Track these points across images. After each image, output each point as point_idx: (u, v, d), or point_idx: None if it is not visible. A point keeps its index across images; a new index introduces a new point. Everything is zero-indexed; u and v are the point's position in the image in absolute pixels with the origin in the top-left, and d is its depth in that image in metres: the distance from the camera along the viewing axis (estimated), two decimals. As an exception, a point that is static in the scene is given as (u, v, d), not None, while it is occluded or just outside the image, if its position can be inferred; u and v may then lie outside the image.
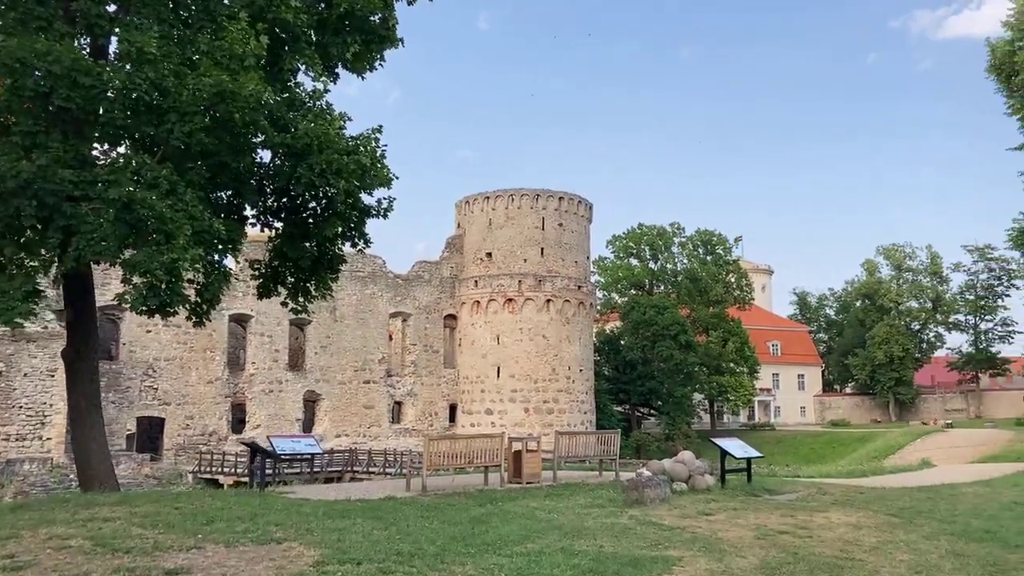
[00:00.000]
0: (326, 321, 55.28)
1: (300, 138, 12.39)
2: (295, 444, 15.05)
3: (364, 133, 13.89)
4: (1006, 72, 34.13)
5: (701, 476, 13.64)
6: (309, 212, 13.71)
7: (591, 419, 58.77)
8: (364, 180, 13.28)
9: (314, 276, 14.52)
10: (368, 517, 10.30)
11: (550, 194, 58.66)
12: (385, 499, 12.21)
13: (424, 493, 13.20)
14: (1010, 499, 13.11)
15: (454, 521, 10.22)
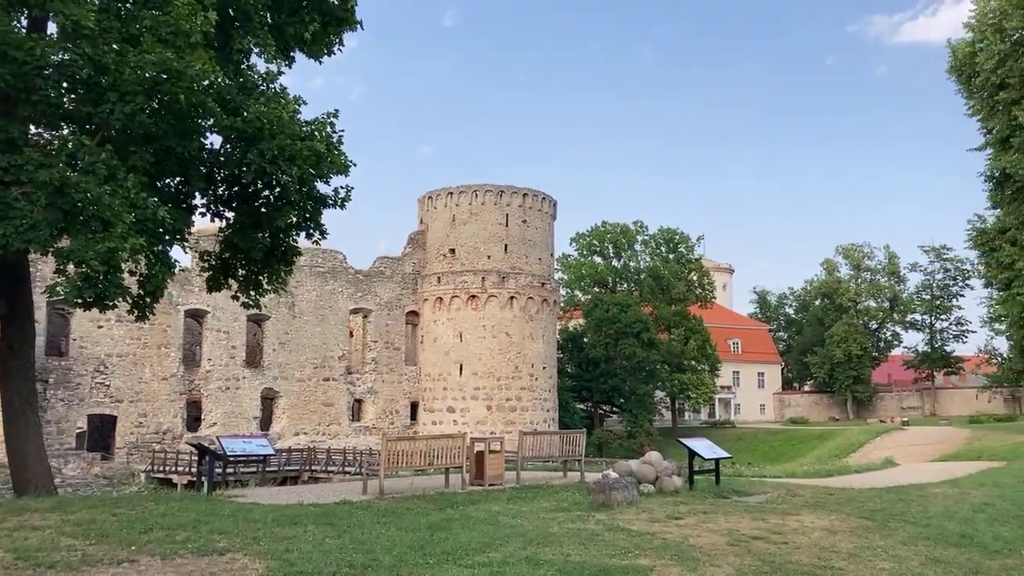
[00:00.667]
0: (285, 317, 54.21)
1: (251, 122, 11.70)
2: (246, 445, 14.34)
3: (319, 118, 13.22)
4: (967, 74, 34.43)
5: (669, 477, 13.24)
6: (262, 201, 13.01)
7: (554, 417, 58.49)
8: (319, 167, 12.63)
9: (267, 268, 13.83)
10: (321, 524, 9.70)
11: (514, 190, 58.17)
12: (340, 503, 11.58)
13: (381, 496, 12.59)
14: (980, 500, 12.91)
15: (412, 527, 9.66)
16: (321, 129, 12.93)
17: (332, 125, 13.26)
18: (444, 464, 13.76)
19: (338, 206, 13.74)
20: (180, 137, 11.20)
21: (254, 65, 12.94)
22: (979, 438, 33.33)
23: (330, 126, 13.21)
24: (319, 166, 12.58)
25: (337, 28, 13.47)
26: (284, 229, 13.22)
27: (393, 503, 11.83)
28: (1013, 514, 11.49)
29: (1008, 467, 20.07)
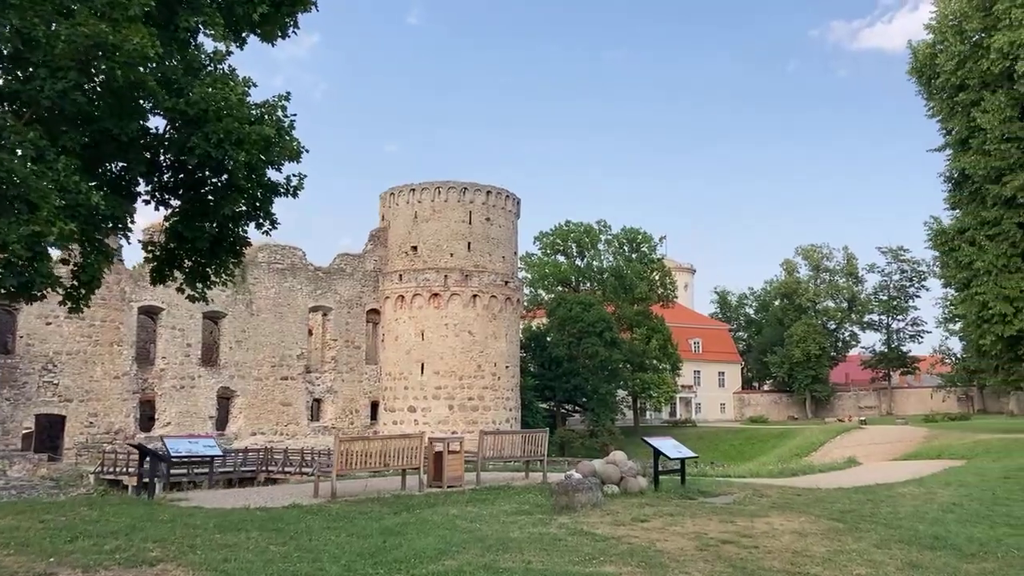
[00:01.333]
0: (242, 315, 53.00)
1: (196, 104, 10.98)
2: (192, 445, 13.61)
3: (270, 100, 12.52)
4: (927, 75, 34.65)
5: (633, 478, 12.81)
6: (209, 188, 12.29)
7: (516, 416, 58.02)
8: (269, 153, 11.94)
9: (214, 260, 13.08)
10: (266, 529, 9.09)
11: (477, 188, 57.55)
12: (289, 507, 10.95)
13: (334, 499, 11.98)
14: (947, 500, 12.71)
15: (364, 533, 9.08)
16: (271, 112, 12.23)
17: (284, 109, 12.56)
18: (401, 465, 13.18)
19: (290, 194, 13.05)
20: (117, 118, 10.48)
21: (201, 45, 12.22)
22: (937, 437, 33.59)
23: (281, 109, 12.50)
24: (269, 151, 11.89)
25: (290, 8, 12.77)
26: (232, 218, 12.48)
27: (346, 506, 11.24)
28: (982, 514, 11.27)
29: (969, 466, 20.06)
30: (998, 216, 31.10)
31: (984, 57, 30.96)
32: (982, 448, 24.41)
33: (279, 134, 12.06)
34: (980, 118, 30.65)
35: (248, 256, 54.33)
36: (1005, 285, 30.05)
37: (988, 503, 12.37)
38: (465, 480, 14.44)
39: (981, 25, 31.25)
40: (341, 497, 12.32)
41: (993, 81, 31.29)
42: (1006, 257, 30.60)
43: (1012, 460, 20.81)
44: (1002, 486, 14.55)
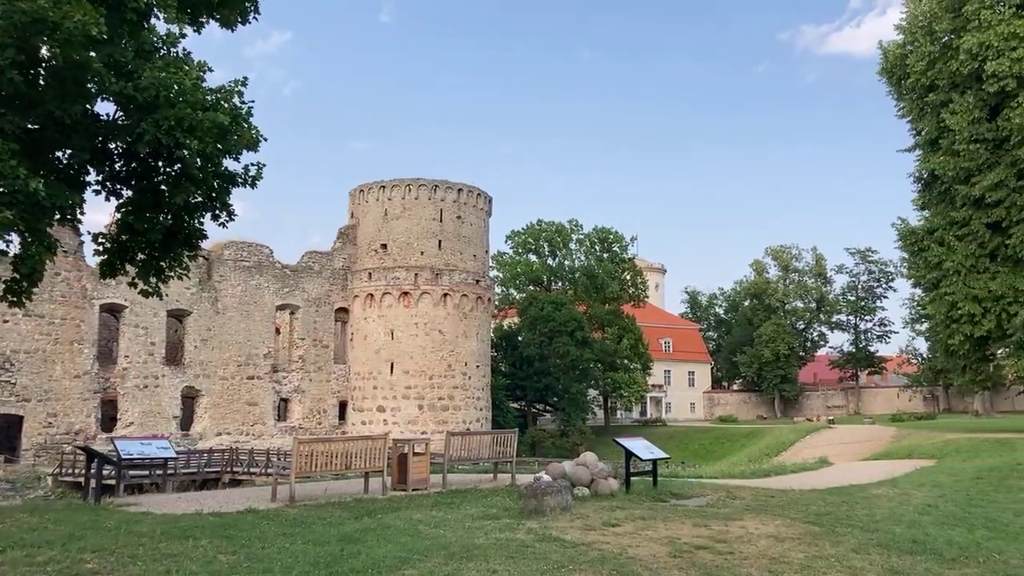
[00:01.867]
0: (207, 313, 51.96)
1: (146, 89, 10.40)
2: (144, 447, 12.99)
3: (225, 86, 11.94)
4: (897, 75, 34.75)
5: (604, 480, 12.42)
6: (162, 177, 11.68)
7: (487, 416, 57.60)
8: (225, 141, 11.38)
9: (168, 253, 12.47)
10: (217, 537, 8.56)
11: (448, 185, 56.99)
12: (244, 512, 10.41)
13: (292, 504, 11.44)
14: (922, 501, 12.48)
15: (321, 540, 8.59)
16: (227, 99, 11.66)
17: (240, 95, 12.00)
18: (364, 467, 12.68)
19: (248, 184, 12.46)
20: (60, 100, 9.87)
21: (153, 27, 11.60)
22: (905, 436, 33.68)
23: (238, 96, 11.94)
24: (224, 140, 11.32)
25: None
26: (186, 209, 11.89)
27: (304, 511, 10.72)
28: (958, 516, 11.05)
29: (940, 465, 19.99)
30: (967, 216, 31.26)
31: (953, 58, 31.10)
32: (952, 448, 24.40)
33: (235, 121, 11.49)
34: (949, 119, 30.78)
35: (214, 253, 53.72)
36: (973, 285, 30.20)
37: (963, 504, 12.17)
38: (431, 482, 13.96)
39: (951, 26, 31.40)
40: (300, 501, 11.79)
41: (962, 82, 31.44)
42: (974, 257, 30.76)
43: (982, 460, 20.79)
44: (975, 487, 14.40)
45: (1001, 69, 28.84)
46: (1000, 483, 14.83)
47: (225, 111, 11.17)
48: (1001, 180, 29.59)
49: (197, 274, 51.56)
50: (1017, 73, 28.81)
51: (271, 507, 11.27)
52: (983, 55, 29.86)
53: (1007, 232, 30.08)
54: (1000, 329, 29.87)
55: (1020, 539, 9.58)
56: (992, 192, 29.92)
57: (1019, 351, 29.32)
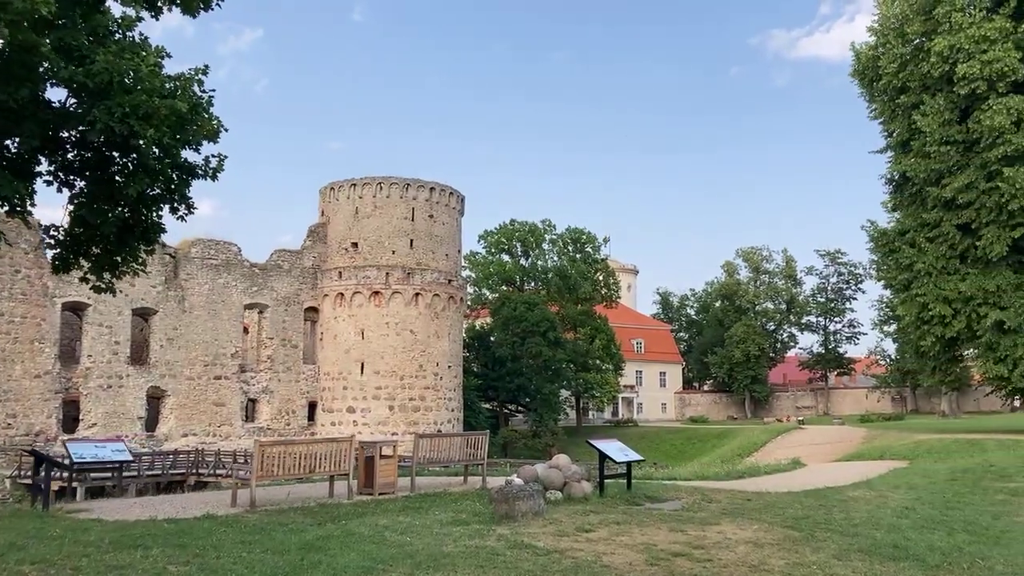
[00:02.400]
0: (174, 311, 50.94)
1: (98, 73, 9.86)
2: (98, 450, 12.41)
3: (185, 73, 11.42)
4: (869, 77, 34.88)
5: (578, 483, 12.08)
6: (117, 168, 11.13)
7: (459, 417, 57.13)
8: (183, 130, 10.86)
9: (123, 247, 11.91)
10: (170, 545, 8.08)
11: (420, 184, 56.41)
12: (201, 518, 9.92)
13: (253, 509, 10.96)
14: (900, 504, 12.29)
15: (281, 548, 8.15)
16: (187, 86, 11.14)
17: (201, 83, 11.47)
18: (328, 470, 12.21)
19: (209, 177, 11.91)
20: (5, 84, 9.33)
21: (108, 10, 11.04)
22: (876, 437, 33.79)
23: (198, 84, 11.41)
24: (183, 129, 10.81)
25: (210, -25, 11.71)
26: (142, 201, 11.35)
27: (265, 517, 10.24)
28: (937, 519, 10.85)
29: (914, 467, 19.93)
30: (938, 218, 31.42)
31: (925, 60, 31.25)
32: (923, 449, 24.43)
33: (194, 110, 10.96)
34: (920, 121, 30.93)
35: (181, 251, 52.74)
36: (944, 287, 30.35)
37: (941, 507, 12.00)
38: (399, 486, 13.53)
39: (922, 28, 31.54)
40: (261, 506, 11.30)
41: (933, 84, 31.61)
42: (945, 259, 30.94)
43: (954, 461, 20.78)
44: (950, 488, 14.27)
45: (971, 72, 29.01)
46: (975, 485, 14.73)
47: (184, 99, 10.65)
48: (971, 182, 29.77)
49: (163, 272, 50.65)
50: (987, 76, 29.00)
51: (230, 513, 10.77)
52: (954, 57, 30.04)
53: (977, 234, 30.27)
54: (970, 330, 30.05)
55: (1001, 543, 9.41)
56: (962, 194, 30.09)
57: (988, 352, 29.53)
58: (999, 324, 28.88)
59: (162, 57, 11.15)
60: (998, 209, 29.17)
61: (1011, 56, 28.62)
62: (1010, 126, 28.29)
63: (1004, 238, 29.09)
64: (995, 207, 29.18)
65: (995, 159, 28.78)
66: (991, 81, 29.01)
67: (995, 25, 28.98)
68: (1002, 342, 28.81)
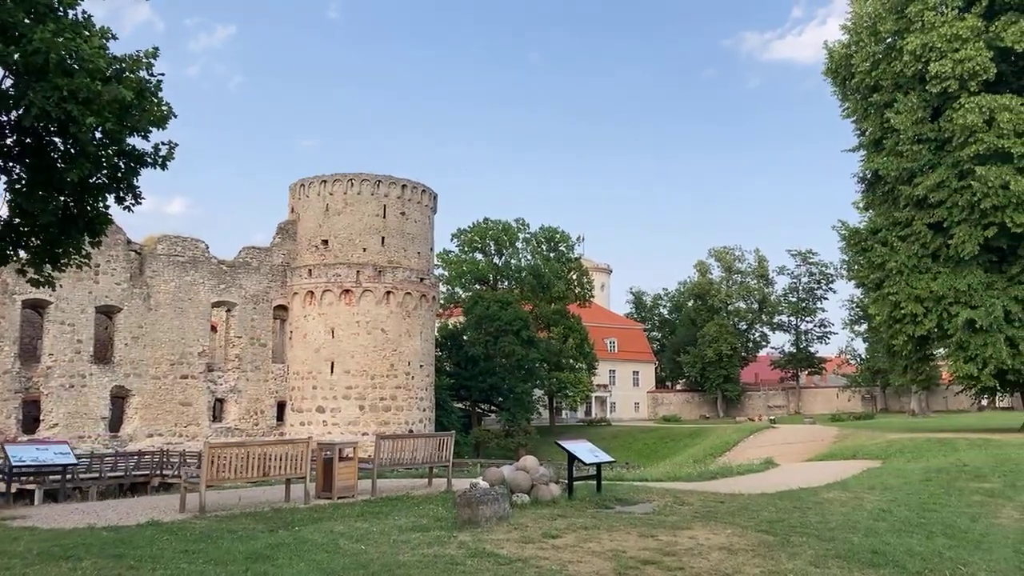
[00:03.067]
0: (139, 309, 49.84)
1: (34, 53, 9.20)
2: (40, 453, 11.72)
3: (132, 55, 10.75)
4: (842, 75, 34.81)
5: (546, 485, 11.61)
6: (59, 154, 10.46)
7: (430, 416, 56.53)
8: (127, 116, 10.21)
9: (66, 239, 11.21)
10: (105, 556, 7.50)
11: (392, 181, 55.70)
12: (145, 525, 9.31)
13: (201, 515, 10.36)
14: (875, 506, 11.94)
15: (225, 559, 7.60)
16: (134, 69, 10.47)
17: (150, 67, 10.81)
18: (284, 474, 11.63)
19: (158, 166, 11.26)
20: (-70, 60, 8.69)
21: (49, -13, 10.36)
22: (848, 436, 33.71)
23: (146, 68, 10.75)
24: (127, 115, 10.15)
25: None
26: (84, 190, 10.68)
27: (214, 523, 9.66)
28: (914, 522, 10.52)
29: (887, 467, 19.70)
30: (910, 217, 31.38)
31: (897, 59, 31.20)
32: (895, 448, 24.26)
33: (141, 96, 10.33)
34: (893, 119, 30.87)
35: (146, 248, 51.63)
36: (916, 285, 30.31)
37: (917, 509, 11.68)
38: (360, 489, 12.97)
39: (895, 27, 31.49)
40: (211, 511, 10.70)
41: (906, 83, 31.57)
42: (917, 258, 30.89)
43: (927, 460, 20.59)
44: (926, 489, 13.98)
45: (944, 70, 28.98)
46: (949, 485, 14.47)
47: (130, 84, 10.00)
48: (943, 180, 29.75)
49: (128, 269, 49.64)
50: (959, 74, 28.99)
51: (177, 519, 10.16)
52: (926, 56, 30.01)
53: (948, 233, 30.26)
54: (941, 329, 30.03)
55: (982, 547, 9.09)
56: (934, 192, 30.07)
57: (958, 351, 29.53)
58: (970, 323, 28.88)
59: (107, 39, 10.50)
60: (970, 208, 29.17)
61: (983, 55, 28.64)
62: (982, 125, 28.29)
63: (976, 237, 29.10)
64: (967, 206, 29.18)
65: (967, 158, 28.76)
66: (963, 80, 29.01)
67: (967, 24, 28.98)
68: (972, 341, 28.81)
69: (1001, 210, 28.34)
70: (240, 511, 10.77)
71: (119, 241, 49.52)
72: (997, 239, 29.44)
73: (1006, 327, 28.75)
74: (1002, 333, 28.60)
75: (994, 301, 28.66)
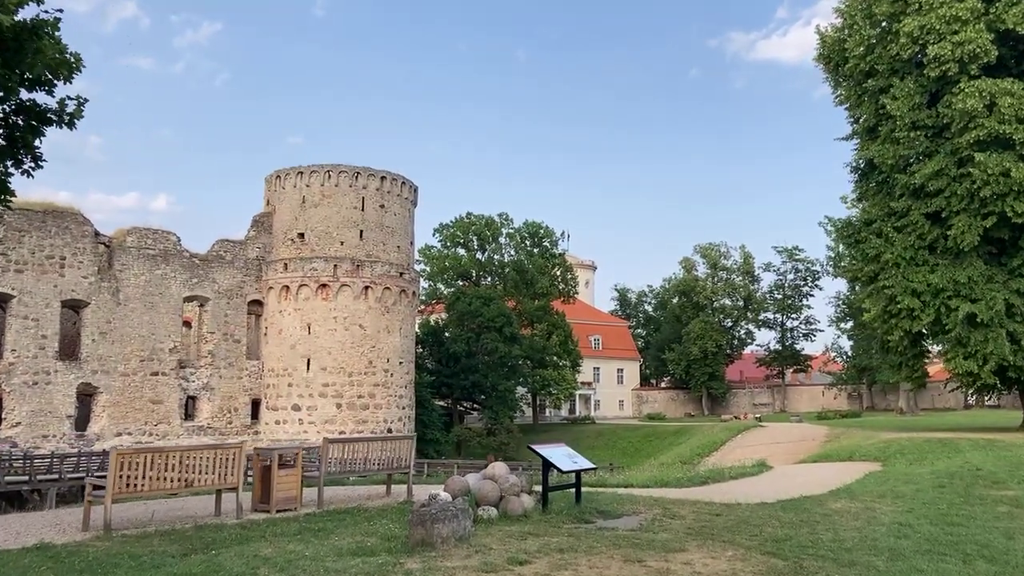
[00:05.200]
0: (107, 304, 47.99)
1: None
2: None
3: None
4: (835, 61, 33.50)
5: (516, 497, 10.09)
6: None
7: (410, 415, 55.05)
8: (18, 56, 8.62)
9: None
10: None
11: (371, 172, 54.02)
12: (31, 549, 7.75)
13: (107, 534, 8.80)
14: (892, 519, 10.51)
15: (108, 598, 6.07)
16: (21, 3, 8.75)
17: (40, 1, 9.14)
18: (213, 483, 10.03)
19: (64, 124, 9.64)
20: None
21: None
22: (839, 436, 32.45)
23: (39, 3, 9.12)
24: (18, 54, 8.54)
25: None
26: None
27: (118, 546, 8.10)
28: (942, 540, 9.09)
29: (890, 471, 18.32)
30: (906, 207, 30.08)
31: (893, 42, 29.88)
32: (894, 449, 22.90)
33: (33, 33, 8.73)
34: (889, 104, 29.53)
35: (115, 240, 49.71)
36: (912, 278, 29.02)
37: (941, 523, 10.24)
38: (307, 501, 11.40)
39: (890, 9, 30.15)
40: (119, 529, 9.09)
41: (902, 68, 30.28)
42: (913, 249, 29.61)
43: (932, 463, 19.22)
44: (943, 498, 12.54)
45: (943, 53, 27.69)
46: (967, 493, 13.07)
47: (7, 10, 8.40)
48: (941, 168, 28.47)
49: (96, 262, 47.85)
50: (958, 57, 27.72)
51: (75, 540, 8.56)
52: (924, 39, 28.72)
53: (947, 223, 28.99)
54: (939, 324, 28.77)
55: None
56: (932, 181, 28.77)
57: (957, 347, 28.27)
58: (971, 317, 27.62)
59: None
60: (969, 197, 27.90)
61: (983, 37, 27.38)
62: (982, 110, 27.02)
63: (975, 227, 27.83)
64: (966, 195, 27.90)
65: (966, 144, 27.49)
66: (963, 63, 27.73)
67: (966, 5, 27.68)
68: (972, 336, 27.55)
69: (1002, 199, 27.09)
70: (155, 529, 9.18)
71: (86, 233, 47.74)
72: (997, 229, 28.20)
73: (1007, 322, 27.51)
74: (1003, 328, 27.37)
75: (995, 294, 27.42)
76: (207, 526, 9.35)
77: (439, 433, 62.24)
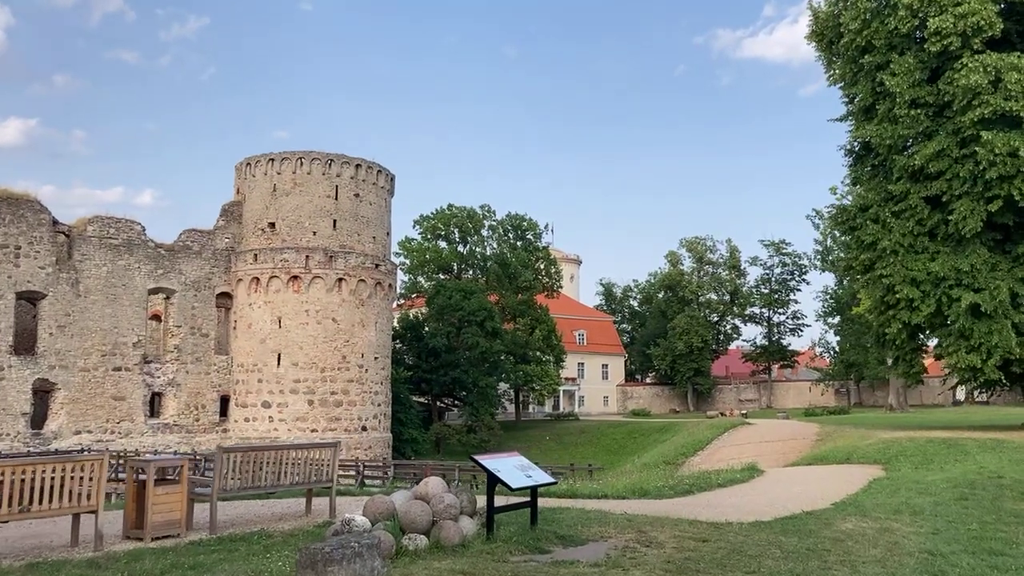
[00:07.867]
0: (66, 296, 45.70)
1: None
2: None
3: None
4: (828, 38, 31.63)
5: (453, 521, 8.01)
6: None
7: (386, 412, 53.09)
8: None
9: None
10: None
11: (345, 160, 51.86)
12: None
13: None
14: (917, 545, 8.51)
15: None
16: None
17: None
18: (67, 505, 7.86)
19: None
20: None
21: None
22: (830, 434, 30.65)
23: None
24: None
25: None
26: None
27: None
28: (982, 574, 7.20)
29: (897, 476, 16.40)
30: (904, 190, 28.20)
31: (892, 15, 28.00)
32: (895, 451, 20.98)
33: None
34: (888, 81, 27.61)
35: (75, 230, 47.26)
36: (912, 266, 27.19)
37: (976, 550, 8.27)
38: (198, 523, 9.29)
39: (890, -20, 28.30)
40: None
41: (901, 42, 28.41)
42: (912, 236, 27.75)
43: (942, 469, 17.28)
44: (970, 515, 10.56)
45: (945, 25, 25.82)
46: (996, 508, 11.12)
47: None
48: (942, 149, 26.59)
49: (54, 252, 45.57)
50: (961, 31, 25.87)
51: None
52: (924, 11, 26.85)
53: (948, 208, 27.15)
54: (940, 315, 26.94)
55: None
56: (933, 162, 26.89)
57: (959, 340, 26.45)
58: (974, 308, 25.80)
59: None
60: (972, 179, 26.03)
61: (987, 9, 25.54)
62: (987, 86, 25.16)
63: (979, 212, 25.98)
64: (969, 177, 26.03)
65: (969, 123, 25.62)
66: (966, 36, 25.86)
67: (969, -25, 25.86)
68: (976, 328, 25.72)
69: (1008, 181, 25.24)
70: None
71: (43, 221, 45.47)
72: (1002, 214, 26.37)
73: (1013, 312, 25.72)
74: (1008, 319, 25.57)
75: (999, 283, 25.61)
76: (44, 563, 7.27)
77: (417, 431, 60.21)
